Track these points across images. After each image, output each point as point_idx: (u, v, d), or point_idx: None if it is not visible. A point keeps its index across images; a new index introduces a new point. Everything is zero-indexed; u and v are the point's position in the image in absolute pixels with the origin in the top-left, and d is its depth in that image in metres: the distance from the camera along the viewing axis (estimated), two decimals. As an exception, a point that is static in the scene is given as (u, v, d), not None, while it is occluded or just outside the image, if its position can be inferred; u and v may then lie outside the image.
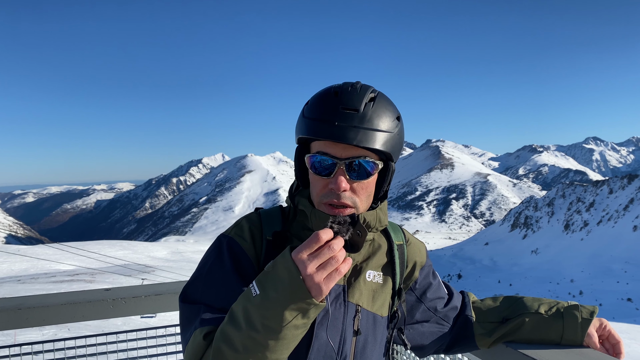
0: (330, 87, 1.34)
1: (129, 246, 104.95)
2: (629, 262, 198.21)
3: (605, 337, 1.52)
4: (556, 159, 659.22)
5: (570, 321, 1.50)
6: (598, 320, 1.53)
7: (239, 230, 1.37)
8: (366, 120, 1.24)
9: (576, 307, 1.53)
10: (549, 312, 1.54)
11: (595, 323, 1.52)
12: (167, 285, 2.54)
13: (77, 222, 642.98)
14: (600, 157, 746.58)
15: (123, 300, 2.31)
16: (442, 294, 1.60)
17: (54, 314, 2.20)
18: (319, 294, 1.03)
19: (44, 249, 76.03)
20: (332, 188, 1.26)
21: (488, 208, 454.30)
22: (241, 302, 1.09)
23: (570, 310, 1.52)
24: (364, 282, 1.38)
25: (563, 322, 1.51)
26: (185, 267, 66.32)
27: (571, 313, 1.52)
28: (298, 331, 1.06)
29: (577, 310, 1.52)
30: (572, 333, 1.50)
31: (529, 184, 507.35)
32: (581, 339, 1.49)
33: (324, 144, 1.27)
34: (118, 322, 13.75)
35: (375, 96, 1.30)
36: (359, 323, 1.35)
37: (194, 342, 1.15)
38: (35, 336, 10.87)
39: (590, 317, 1.50)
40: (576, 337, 1.50)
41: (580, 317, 1.50)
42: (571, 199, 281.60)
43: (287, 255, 1.04)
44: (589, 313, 1.51)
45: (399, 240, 1.51)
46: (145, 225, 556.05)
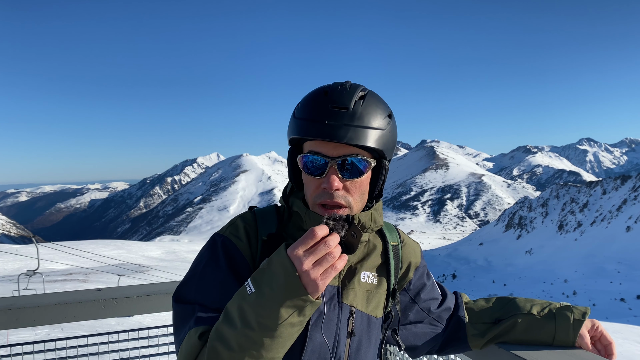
0: (320, 87, 1.33)
1: (123, 245, 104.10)
2: (622, 263, 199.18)
3: (597, 338, 1.52)
4: (550, 160, 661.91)
5: (562, 322, 1.50)
6: (590, 321, 1.53)
7: (234, 229, 1.34)
8: (356, 118, 1.23)
9: (568, 308, 1.53)
10: (541, 313, 1.53)
11: (587, 324, 1.51)
12: (159, 285, 2.52)
13: (71, 221, 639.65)
14: (594, 158, 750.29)
15: (115, 301, 2.29)
16: (435, 294, 1.59)
17: (45, 315, 2.19)
18: (315, 290, 1.01)
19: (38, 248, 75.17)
20: (324, 187, 1.25)
21: (482, 208, 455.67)
22: (236, 300, 1.06)
23: (562, 312, 1.52)
24: (359, 284, 1.37)
25: (555, 323, 1.51)
26: (180, 267, 65.90)
27: (563, 314, 1.51)
28: (294, 329, 1.05)
29: (569, 311, 1.52)
30: (564, 334, 1.50)
31: (523, 185, 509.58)
32: (573, 340, 1.49)
33: (315, 144, 1.27)
34: (112, 322, 13.61)
35: (365, 94, 1.29)
36: (354, 324, 1.34)
37: (189, 342, 1.12)
38: (28, 336, 10.73)
39: (582, 318, 1.50)
40: (568, 338, 1.50)
41: (572, 318, 1.50)
42: (565, 200, 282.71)
43: (283, 252, 1.02)
44: (581, 314, 1.51)
45: (394, 241, 1.49)
46: (139, 225, 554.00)
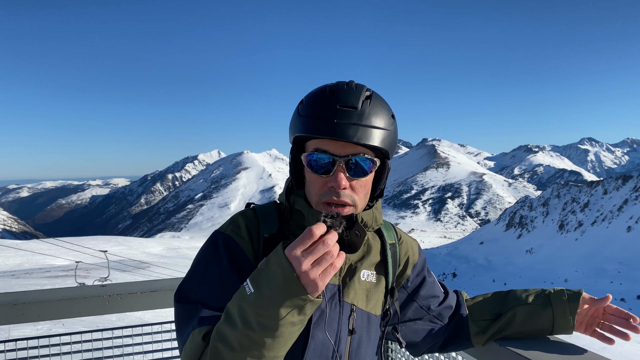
0: (324, 86, 1.32)
1: (124, 242, 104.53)
2: (622, 263, 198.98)
3: (598, 303, 1.53)
4: (551, 159, 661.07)
5: (559, 307, 1.53)
6: (590, 298, 1.55)
7: (235, 227, 1.33)
8: (364, 118, 1.24)
9: (562, 292, 1.56)
10: (537, 301, 1.56)
11: (585, 299, 1.54)
12: (163, 282, 2.54)
13: (72, 217, 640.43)
14: (595, 158, 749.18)
15: (119, 297, 2.30)
16: (436, 292, 1.59)
17: (50, 310, 2.20)
18: (314, 290, 1.00)
19: (39, 244, 75.60)
20: (332, 186, 1.25)
21: (483, 207, 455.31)
22: (236, 300, 1.06)
23: (557, 296, 1.55)
24: (359, 282, 1.37)
25: (552, 309, 1.54)
26: (180, 264, 66.10)
27: (559, 298, 1.54)
28: (295, 328, 1.04)
29: (564, 295, 1.55)
30: (563, 318, 1.53)
31: (524, 184, 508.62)
32: (572, 322, 1.53)
33: (322, 142, 1.26)
34: (113, 318, 13.68)
35: (371, 94, 1.30)
36: (354, 322, 1.34)
37: (193, 343, 1.12)
38: (29, 331, 10.81)
39: (577, 300, 1.52)
40: (567, 321, 1.53)
41: (567, 300, 1.53)
42: (566, 199, 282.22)
43: (280, 252, 1.01)
44: (575, 296, 1.53)
45: (391, 239, 1.50)
46: (140, 221, 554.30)
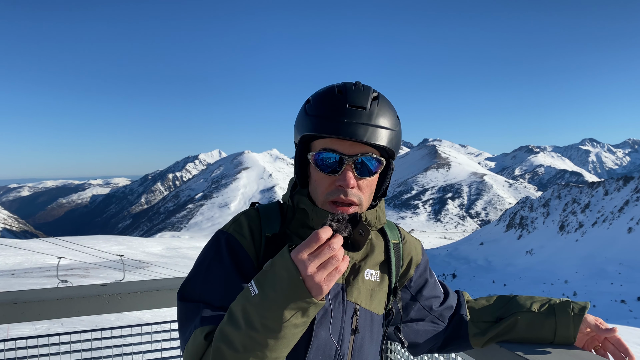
0: (331, 86, 1.34)
1: (124, 241, 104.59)
2: (623, 264, 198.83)
3: (611, 340, 1.49)
4: (552, 160, 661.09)
5: (563, 318, 1.51)
6: (595, 318, 1.53)
7: (237, 226, 1.34)
8: (373, 118, 1.26)
9: (568, 304, 1.54)
10: (541, 310, 1.55)
11: (590, 320, 1.52)
12: (163, 281, 2.53)
13: (72, 216, 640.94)
14: (596, 159, 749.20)
15: (119, 296, 2.30)
16: (438, 292, 1.60)
17: (50, 309, 2.19)
18: (319, 293, 1.01)
19: (39, 243, 75.60)
20: (340, 185, 1.26)
21: (484, 208, 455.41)
22: (240, 301, 1.07)
23: (562, 307, 1.53)
24: (363, 281, 1.38)
25: (555, 319, 1.52)
26: (180, 263, 66.14)
27: (563, 310, 1.53)
28: (298, 329, 1.05)
29: (569, 306, 1.53)
30: (565, 330, 1.51)
31: (524, 185, 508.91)
32: (574, 335, 1.51)
33: (331, 141, 1.27)
34: (112, 318, 13.65)
35: (378, 95, 1.32)
36: (357, 322, 1.35)
37: (195, 342, 1.13)
38: (27, 331, 10.78)
39: (581, 313, 1.51)
40: (569, 333, 1.51)
41: (572, 312, 1.51)
42: (566, 200, 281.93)
43: (286, 255, 1.02)
44: (580, 309, 1.52)
45: (394, 239, 1.51)
46: (140, 221, 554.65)
